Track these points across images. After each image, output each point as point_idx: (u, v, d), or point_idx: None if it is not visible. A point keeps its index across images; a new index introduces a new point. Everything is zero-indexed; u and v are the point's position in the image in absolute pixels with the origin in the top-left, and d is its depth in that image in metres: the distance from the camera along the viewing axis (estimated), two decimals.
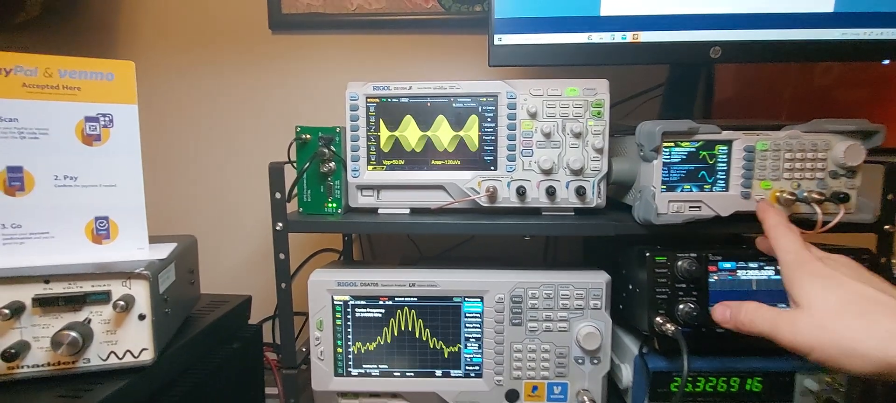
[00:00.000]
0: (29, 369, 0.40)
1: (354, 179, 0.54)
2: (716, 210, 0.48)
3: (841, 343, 0.30)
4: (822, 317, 0.31)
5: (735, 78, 0.77)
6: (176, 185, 0.85)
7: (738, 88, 0.77)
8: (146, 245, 0.47)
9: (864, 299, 0.31)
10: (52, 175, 0.43)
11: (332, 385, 0.54)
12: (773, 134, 0.48)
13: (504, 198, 0.53)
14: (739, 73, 0.76)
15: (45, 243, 0.43)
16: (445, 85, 0.52)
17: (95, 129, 0.43)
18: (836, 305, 0.31)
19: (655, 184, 0.48)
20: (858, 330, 0.29)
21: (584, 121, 0.52)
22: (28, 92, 0.41)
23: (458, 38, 0.79)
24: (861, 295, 0.31)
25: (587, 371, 0.53)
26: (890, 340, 0.28)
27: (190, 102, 0.83)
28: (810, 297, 0.32)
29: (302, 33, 0.81)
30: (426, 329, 0.54)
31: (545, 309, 0.53)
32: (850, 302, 0.31)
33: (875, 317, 0.29)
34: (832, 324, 0.30)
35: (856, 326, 0.30)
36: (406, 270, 0.55)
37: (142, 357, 0.42)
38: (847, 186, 0.48)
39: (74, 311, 0.40)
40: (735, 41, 0.54)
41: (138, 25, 0.82)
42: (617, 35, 0.55)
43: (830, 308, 0.31)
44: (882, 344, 0.28)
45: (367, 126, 0.54)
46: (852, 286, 0.32)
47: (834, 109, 0.77)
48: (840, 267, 0.34)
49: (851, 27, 0.54)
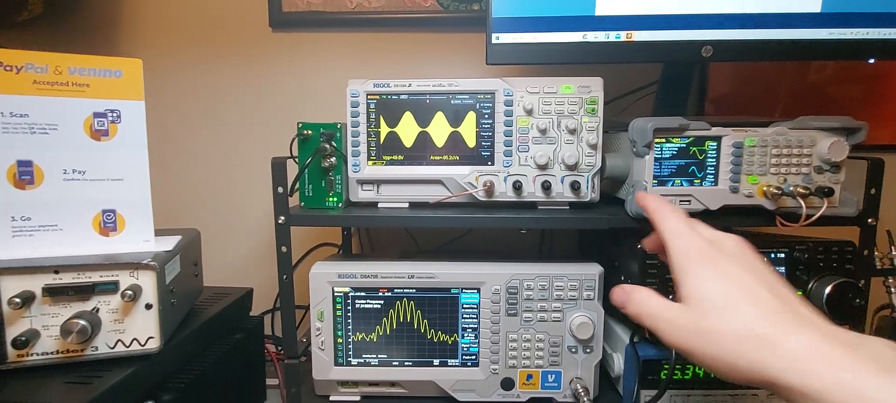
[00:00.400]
0: (39, 356, 0.41)
1: (355, 174, 0.56)
2: (705, 203, 0.50)
3: (721, 355, 0.26)
4: (706, 323, 0.27)
5: (730, 75, 0.78)
6: (179, 180, 0.86)
7: (733, 86, 0.78)
8: (152, 238, 0.48)
9: (747, 296, 0.27)
10: (61, 169, 0.44)
11: (332, 374, 0.56)
12: (761, 130, 0.49)
13: (501, 193, 0.55)
14: (734, 71, 0.77)
15: (53, 235, 0.44)
16: (444, 82, 0.54)
17: (103, 125, 0.45)
18: (717, 303, 0.27)
19: (647, 179, 0.50)
20: (737, 338, 0.26)
21: (578, 117, 0.53)
22: (38, 88, 0.42)
23: (456, 36, 0.80)
24: (744, 291, 0.27)
25: (580, 360, 0.55)
26: (771, 355, 0.24)
27: (192, 99, 0.84)
28: (694, 292, 0.28)
29: (302, 31, 0.82)
30: (424, 319, 0.55)
31: (540, 300, 0.54)
32: (734, 301, 0.27)
33: (755, 323, 0.26)
34: (717, 331, 0.26)
35: (734, 332, 0.26)
36: (405, 263, 0.56)
37: (148, 346, 0.44)
38: (831, 181, 0.49)
39: (83, 301, 0.42)
40: (726, 40, 0.56)
41: (140, 23, 0.83)
42: (611, 34, 0.57)
43: (712, 306, 0.27)
44: (759, 360, 0.25)
45: (367, 122, 0.55)
46: (737, 278, 0.28)
47: (827, 106, 0.78)
48: (730, 253, 0.30)
49: (838, 27, 0.55)
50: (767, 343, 0.25)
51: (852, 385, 0.22)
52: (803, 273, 0.51)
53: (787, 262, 0.51)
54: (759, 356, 0.25)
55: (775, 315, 0.26)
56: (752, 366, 0.25)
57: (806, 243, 0.51)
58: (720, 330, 0.26)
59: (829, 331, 0.25)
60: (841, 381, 0.22)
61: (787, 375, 0.24)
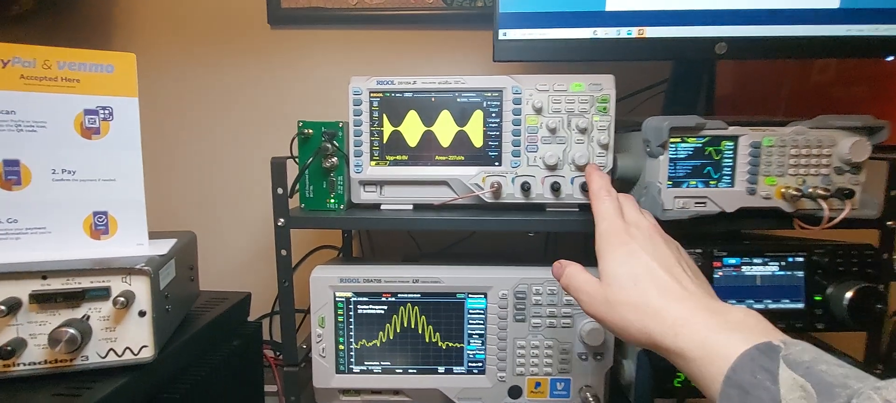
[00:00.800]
0: (26, 367, 0.39)
1: (357, 175, 0.54)
2: (721, 206, 0.48)
3: (620, 321, 0.32)
4: (612, 294, 0.33)
5: (733, 75, 0.77)
6: (175, 181, 0.84)
7: (737, 86, 0.77)
8: (146, 241, 0.46)
9: (649, 277, 0.32)
10: (50, 169, 0.42)
11: (333, 383, 0.54)
12: (779, 130, 0.47)
13: (508, 194, 0.53)
14: (737, 71, 0.76)
15: (41, 238, 0.42)
16: (450, 79, 0.52)
17: (95, 122, 0.42)
18: (625, 281, 0.33)
19: (661, 180, 0.48)
20: (635, 309, 0.32)
21: (589, 116, 0.51)
22: (26, 84, 0.40)
23: (460, 33, 0.78)
24: (647, 273, 0.33)
25: (590, 368, 0.53)
26: (654, 322, 0.30)
27: (188, 97, 0.82)
28: (608, 271, 0.34)
29: (302, 28, 0.80)
30: (429, 325, 0.53)
31: (549, 306, 0.52)
32: (637, 279, 0.33)
33: (650, 296, 0.32)
34: (619, 300, 0.33)
35: (633, 304, 0.32)
36: (409, 266, 0.54)
37: (142, 355, 0.42)
38: (852, 182, 0.48)
39: (73, 308, 0.40)
40: (741, 37, 0.54)
41: (135, 20, 0.81)
42: (622, 30, 0.55)
43: (621, 284, 0.33)
44: (647, 326, 0.31)
45: (370, 121, 0.53)
46: (643, 263, 0.33)
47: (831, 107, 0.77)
48: (642, 242, 0.35)
49: (856, 23, 0.54)
50: (655, 313, 0.31)
51: (705, 341, 0.28)
52: (822, 277, 0.49)
53: (806, 266, 0.50)
54: (648, 323, 0.31)
55: (667, 291, 0.31)
56: (642, 331, 0.31)
57: (825, 246, 0.49)
58: (622, 301, 0.32)
59: (704, 304, 0.30)
60: (699, 339, 0.28)
61: (665, 338, 0.30)
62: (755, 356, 0.26)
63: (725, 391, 0.26)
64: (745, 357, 0.26)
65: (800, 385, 0.24)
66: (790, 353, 0.25)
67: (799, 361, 0.25)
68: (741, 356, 0.26)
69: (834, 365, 0.25)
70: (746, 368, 0.26)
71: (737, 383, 0.26)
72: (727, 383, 0.26)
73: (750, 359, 0.26)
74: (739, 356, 0.26)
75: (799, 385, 0.24)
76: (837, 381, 0.23)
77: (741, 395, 0.25)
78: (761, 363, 0.25)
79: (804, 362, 0.25)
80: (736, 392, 0.26)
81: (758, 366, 0.25)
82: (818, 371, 0.24)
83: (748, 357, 0.26)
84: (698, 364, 0.28)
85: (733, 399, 0.26)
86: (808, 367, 0.24)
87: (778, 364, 0.25)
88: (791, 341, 0.27)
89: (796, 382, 0.24)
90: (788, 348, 0.26)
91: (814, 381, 0.24)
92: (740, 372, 0.26)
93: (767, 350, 0.26)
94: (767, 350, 0.26)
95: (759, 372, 0.25)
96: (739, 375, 0.26)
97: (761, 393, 0.25)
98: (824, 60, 0.74)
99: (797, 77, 0.75)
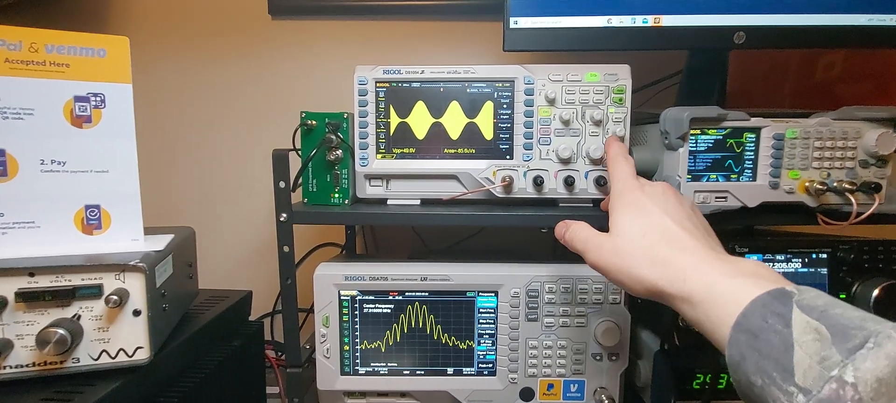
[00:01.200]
0: (12, 370, 0.37)
1: (363, 168, 0.52)
2: (742, 200, 0.46)
3: (628, 269, 0.33)
4: (622, 244, 0.34)
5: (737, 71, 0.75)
6: (172, 175, 0.81)
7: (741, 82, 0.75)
8: (141, 236, 0.43)
9: (659, 230, 0.33)
10: (38, 159, 0.39)
11: (338, 385, 0.51)
12: (803, 121, 0.46)
13: (520, 189, 0.51)
14: (741, 67, 0.74)
15: (30, 233, 0.40)
16: (459, 69, 0.50)
17: (86, 110, 0.40)
18: (635, 233, 0.33)
19: (681, 174, 0.46)
20: (643, 258, 0.32)
21: (604, 107, 0.49)
22: (11, 68, 0.38)
23: (467, 24, 0.76)
24: (657, 226, 0.33)
25: (605, 369, 0.51)
26: (663, 269, 0.31)
27: (186, 89, 0.80)
28: (620, 225, 0.35)
29: (303, 19, 0.78)
30: (437, 325, 0.51)
31: (562, 304, 0.50)
32: (646, 232, 0.33)
33: (659, 247, 0.32)
34: (627, 250, 0.33)
35: (642, 254, 0.32)
36: (417, 264, 0.52)
37: (137, 357, 0.39)
38: (877, 176, 0.46)
39: (62, 307, 0.37)
40: (760, 26, 0.52)
41: (132, 11, 0.79)
42: (638, 18, 0.53)
43: (630, 236, 0.33)
44: (655, 273, 0.31)
45: (376, 112, 0.51)
46: (655, 217, 0.34)
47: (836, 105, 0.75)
48: (654, 197, 0.35)
49: (877, 13, 0.52)
50: (664, 261, 0.31)
51: (714, 285, 0.28)
52: (848, 274, 0.47)
53: (830, 263, 0.48)
54: (655, 270, 0.31)
55: (677, 242, 0.32)
56: (649, 279, 0.31)
57: (850, 243, 0.47)
58: (631, 251, 0.33)
59: (714, 254, 0.31)
60: (708, 283, 0.28)
61: (672, 284, 0.30)
62: (767, 301, 0.25)
63: (734, 336, 0.26)
64: (756, 302, 0.25)
65: (813, 327, 0.23)
66: (804, 298, 0.25)
67: (813, 306, 0.24)
68: (753, 301, 0.25)
69: (849, 309, 0.24)
70: (757, 313, 0.25)
71: (746, 328, 0.25)
72: (737, 328, 0.26)
73: (761, 305, 0.25)
74: (751, 301, 0.25)
75: (813, 328, 0.23)
76: (853, 323, 0.22)
77: (750, 339, 0.25)
78: (773, 308, 0.25)
79: (818, 306, 0.24)
80: (745, 336, 0.25)
81: (769, 311, 0.25)
82: (833, 314, 0.23)
83: (760, 302, 0.25)
84: (705, 308, 0.28)
85: (742, 343, 0.25)
86: (823, 311, 0.24)
87: (791, 308, 0.24)
88: (805, 288, 0.26)
89: (810, 325, 0.23)
90: (802, 293, 0.25)
91: (828, 324, 0.23)
92: (751, 317, 0.25)
93: (780, 295, 0.25)
94: (780, 295, 0.25)
95: (771, 317, 0.24)
96: (750, 320, 0.25)
97: (771, 336, 0.24)
98: (830, 56, 0.72)
99: (801, 73, 0.74)
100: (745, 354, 0.25)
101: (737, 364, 0.25)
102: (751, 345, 0.25)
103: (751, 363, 0.24)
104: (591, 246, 0.36)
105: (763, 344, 0.24)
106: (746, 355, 0.25)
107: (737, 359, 0.25)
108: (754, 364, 0.24)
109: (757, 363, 0.24)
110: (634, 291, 0.33)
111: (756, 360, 0.24)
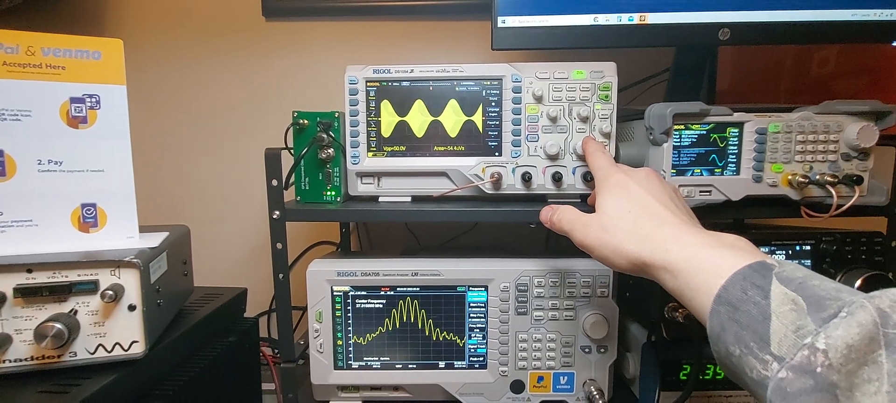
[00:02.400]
0: (11, 364, 0.38)
1: (354, 166, 0.52)
2: (727, 194, 0.47)
3: (613, 243, 0.34)
4: (608, 221, 0.35)
5: (731, 67, 0.76)
6: (167, 174, 0.82)
7: (735, 79, 0.76)
8: (136, 234, 0.44)
9: (642, 207, 0.34)
10: (36, 159, 0.41)
11: (331, 379, 0.52)
12: (785, 116, 0.46)
13: (509, 185, 0.52)
14: (735, 64, 0.75)
15: (28, 231, 0.41)
16: (449, 68, 0.51)
17: (81, 111, 0.41)
18: (620, 212, 0.35)
19: (665, 168, 0.47)
20: (627, 232, 0.33)
21: (591, 105, 0.50)
22: (8, 70, 0.39)
23: (456, 23, 0.77)
24: (641, 204, 0.34)
25: (593, 361, 0.52)
26: (645, 242, 0.32)
27: (181, 89, 0.81)
28: (604, 205, 0.36)
29: (296, 20, 0.79)
30: (429, 319, 0.52)
31: (551, 298, 0.51)
32: (631, 209, 0.34)
33: (642, 223, 0.33)
34: (612, 227, 0.34)
35: (626, 229, 0.34)
36: (408, 260, 0.53)
37: (132, 351, 0.40)
38: (859, 169, 0.47)
39: (59, 302, 0.38)
40: (744, 22, 0.53)
41: (126, 12, 0.80)
42: (623, 16, 0.54)
43: (616, 214, 0.35)
44: (638, 245, 0.32)
45: (366, 111, 0.52)
46: (639, 197, 0.35)
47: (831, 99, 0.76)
48: (638, 179, 0.37)
49: (861, 8, 0.53)
50: (646, 235, 0.32)
51: (695, 255, 0.29)
52: (831, 266, 0.48)
53: (813, 254, 0.49)
54: (638, 243, 0.32)
55: (658, 218, 0.33)
56: (633, 252, 0.33)
57: (833, 235, 0.48)
58: (617, 227, 0.34)
59: (694, 229, 0.32)
60: (689, 253, 0.30)
61: (653, 256, 0.31)
62: (748, 274, 0.26)
63: (715, 308, 0.26)
64: (737, 275, 0.26)
65: (791, 298, 0.24)
66: (783, 271, 0.25)
67: (791, 278, 0.25)
68: (734, 274, 0.26)
69: (826, 281, 0.25)
70: (737, 285, 0.26)
71: (726, 300, 0.26)
72: (717, 301, 0.26)
73: (742, 277, 0.26)
74: (732, 274, 0.26)
75: (790, 299, 0.24)
76: (828, 294, 0.23)
77: (730, 311, 0.25)
78: (753, 280, 0.25)
79: (797, 278, 0.25)
80: (725, 309, 0.26)
81: (749, 283, 0.25)
82: (810, 285, 0.24)
83: (741, 275, 0.26)
84: (685, 276, 0.29)
85: (722, 315, 0.26)
86: (801, 282, 0.24)
87: (770, 280, 0.25)
88: (785, 261, 0.27)
89: (787, 296, 0.24)
90: (782, 266, 0.26)
91: (805, 294, 0.24)
92: (731, 290, 0.26)
93: (760, 268, 0.26)
94: (760, 268, 0.26)
95: (751, 289, 0.25)
96: (730, 292, 0.26)
97: (750, 308, 0.25)
98: (824, 52, 0.73)
99: (796, 69, 0.75)
100: (725, 325, 0.25)
101: (717, 335, 0.26)
102: (730, 317, 0.25)
103: (730, 334, 0.25)
104: (577, 225, 0.37)
105: (742, 316, 0.25)
106: (726, 326, 0.25)
107: (717, 331, 0.26)
108: (733, 334, 0.25)
109: (736, 333, 0.25)
110: (618, 266, 0.34)
111: (735, 331, 0.25)
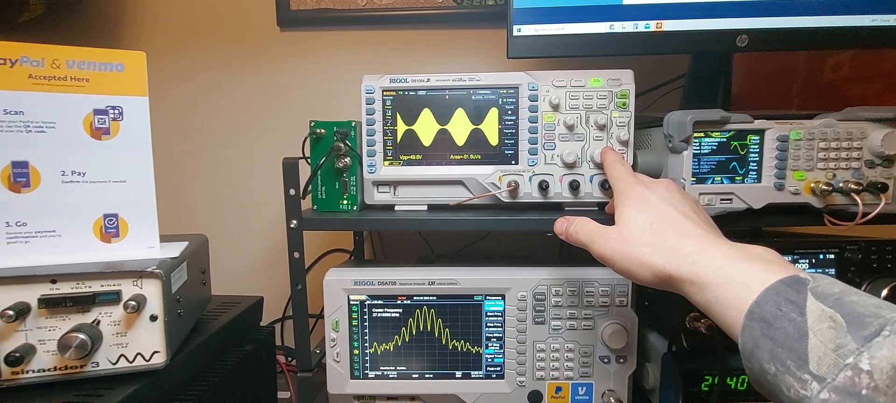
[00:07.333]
0: (35, 374, 0.38)
1: (370, 175, 0.53)
2: (748, 202, 0.46)
3: (636, 256, 0.33)
4: (629, 233, 0.34)
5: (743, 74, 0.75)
6: (186, 183, 0.83)
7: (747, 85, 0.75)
8: (157, 244, 0.45)
9: (665, 220, 0.34)
10: (60, 170, 0.41)
11: (348, 388, 0.52)
12: (807, 123, 0.46)
13: (525, 194, 0.52)
14: (747, 70, 0.74)
15: (51, 241, 0.41)
16: (465, 77, 0.51)
17: (104, 123, 0.42)
18: (642, 224, 0.34)
19: (685, 176, 0.46)
20: (651, 245, 0.33)
21: (608, 112, 0.50)
22: (34, 83, 0.39)
23: (471, 32, 0.77)
24: (663, 217, 0.34)
25: (613, 371, 0.51)
26: (670, 254, 0.31)
27: (198, 100, 0.82)
28: (625, 217, 0.35)
29: (311, 30, 0.79)
30: (446, 328, 0.52)
31: (569, 307, 0.51)
32: (653, 221, 0.34)
33: (666, 235, 0.33)
34: (634, 239, 0.34)
35: (650, 242, 0.33)
36: (425, 268, 0.53)
37: (153, 361, 0.40)
38: (883, 176, 0.46)
39: (82, 312, 0.39)
40: (762, 29, 0.53)
41: (144, 24, 0.81)
42: (640, 24, 0.54)
43: (638, 226, 0.34)
44: (663, 258, 0.31)
45: (383, 120, 0.52)
46: (660, 209, 0.34)
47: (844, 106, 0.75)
48: (658, 192, 0.36)
49: (881, 13, 0.52)
50: (671, 248, 0.32)
51: (723, 268, 0.28)
52: (856, 274, 0.47)
53: (837, 263, 0.48)
54: (663, 256, 0.32)
55: (683, 231, 0.33)
56: (657, 265, 0.32)
57: (858, 243, 0.47)
58: (639, 239, 0.34)
59: (720, 241, 0.31)
60: (717, 266, 0.29)
61: (678, 269, 0.31)
62: (781, 289, 0.25)
63: (747, 324, 0.25)
64: (770, 290, 0.25)
65: (828, 315, 0.23)
66: (818, 286, 0.25)
67: (828, 293, 0.24)
68: (766, 290, 0.25)
69: (864, 297, 0.24)
70: (771, 301, 0.25)
71: (760, 316, 0.25)
72: (750, 316, 0.25)
73: (775, 293, 0.25)
74: (765, 289, 0.25)
75: (828, 316, 0.23)
76: (868, 311, 0.22)
77: (764, 328, 0.25)
78: (787, 295, 0.25)
79: (833, 294, 0.24)
80: (758, 325, 0.25)
81: (783, 299, 0.25)
82: (848, 301, 0.23)
83: (773, 290, 0.25)
84: (714, 290, 0.28)
85: (755, 331, 0.25)
86: (838, 298, 0.23)
87: (806, 296, 0.24)
88: (819, 275, 0.26)
89: (825, 313, 0.23)
90: (817, 281, 0.25)
91: (843, 311, 0.23)
92: (764, 305, 0.25)
93: (794, 283, 0.25)
94: (794, 283, 0.25)
95: (785, 305, 0.24)
96: (763, 308, 0.25)
97: (785, 325, 0.24)
98: (838, 57, 0.72)
99: (809, 75, 0.74)
100: (759, 342, 0.25)
101: (750, 352, 0.25)
102: (764, 333, 0.24)
103: (764, 350, 0.24)
104: (597, 237, 0.36)
105: (777, 332, 0.24)
106: (760, 343, 0.25)
107: (750, 348, 0.25)
108: (768, 351, 0.24)
109: (770, 350, 0.24)
110: (642, 279, 0.33)
111: (770, 348, 0.24)
